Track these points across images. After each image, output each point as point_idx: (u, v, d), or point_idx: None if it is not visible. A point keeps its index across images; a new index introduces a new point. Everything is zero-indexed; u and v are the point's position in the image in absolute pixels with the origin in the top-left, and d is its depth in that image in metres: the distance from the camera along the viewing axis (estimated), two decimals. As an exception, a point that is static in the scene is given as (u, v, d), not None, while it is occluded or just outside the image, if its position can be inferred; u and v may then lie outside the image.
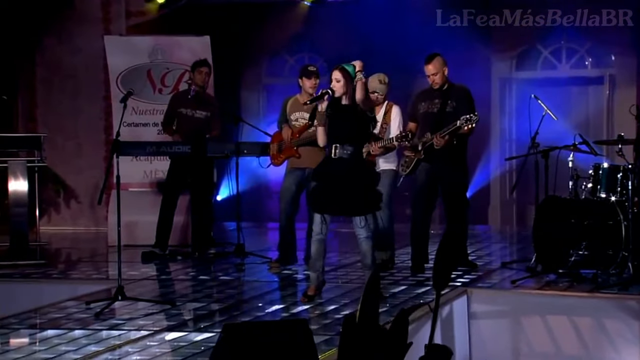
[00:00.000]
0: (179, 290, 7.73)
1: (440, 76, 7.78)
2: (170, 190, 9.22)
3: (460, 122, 7.48)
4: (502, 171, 12.30)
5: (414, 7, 11.38)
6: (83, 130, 11.34)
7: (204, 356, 5.50)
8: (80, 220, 11.48)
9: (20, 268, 8.43)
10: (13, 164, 8.90)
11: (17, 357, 5.61)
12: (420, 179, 7.89)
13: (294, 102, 8.43)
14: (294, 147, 8.28)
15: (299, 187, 8.35)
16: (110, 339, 5.98)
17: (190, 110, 9.04)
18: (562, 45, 12.32)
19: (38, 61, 11.48)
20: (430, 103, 7.84)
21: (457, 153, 7.77)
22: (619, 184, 7.32)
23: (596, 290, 6.98)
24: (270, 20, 11.31)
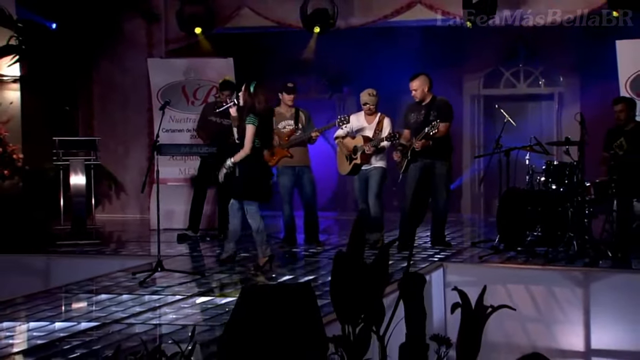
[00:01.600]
0: (207, 264, 7.72)
1: (420, 92, 7.78)
2: (200, 183, 9.20)
3: (428, 129, 7.51)
4: (472, 169, 12.28)
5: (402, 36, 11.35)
6: (130, 136, 11.32)
7: (227, 315, 5.49)
8: (128, 209, 11.46)
9: (80, 246, 8.44)
10: (74, 162, 8.89)
11: (79, 315, 5.62)
12: (412, 175, 7.86)
13: (277, 114, 8.36)
14: (285, 149, 8.26)
15: (293, 182, 8.33)
16: (152, 302, 5.99)
17: (218, 119, 9.02)
18: (520, 68, 12.27)
19: (95, 79, 11.47)
20: (418, 114, 7.84)
21: (441, 151, 7.75)
22: (567, 177, 7.29)
23: (548, 264, 6.96)
24: (283, 46, 11.28)
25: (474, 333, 3.19)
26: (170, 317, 5.51)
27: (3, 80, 10.76)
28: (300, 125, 8.29)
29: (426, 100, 7.81)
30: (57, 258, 7.97)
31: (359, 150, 8.02)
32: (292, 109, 8.34)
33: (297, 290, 4.24)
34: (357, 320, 3.13)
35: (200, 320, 5.40)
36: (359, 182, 8.16)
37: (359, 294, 3.06)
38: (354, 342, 3.12)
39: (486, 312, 3.22)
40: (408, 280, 3.22)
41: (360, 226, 3.29)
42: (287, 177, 8.30)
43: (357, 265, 3.14)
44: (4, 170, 9.31)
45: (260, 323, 4.01)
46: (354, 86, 12.44)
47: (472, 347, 3.17)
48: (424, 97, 7.79)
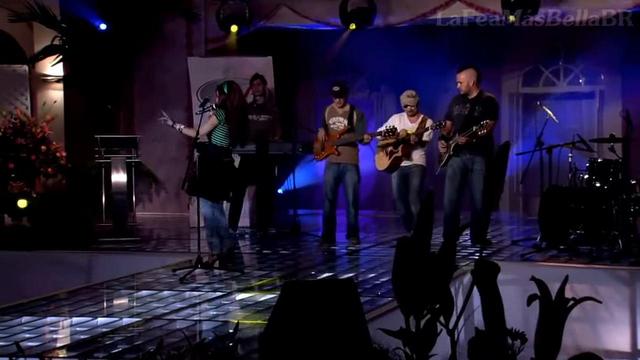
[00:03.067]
0: (246, 261, 7.68)
1: (465, 84, 7.64)
2: (240, 182, 9.16)
3: (476, 128, 7.38)
4: (510, 167, 12.08)
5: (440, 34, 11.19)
6: (170, 134, 11.27)
7: (266, 312, 5.43)
8: (168, 206, 11.49)
9: (121, 243, 8.47)
10: (115, 160, 8.92)
11: (120, 311, 5.61)
12: (451, 170, 7.75)
13: (330, 109, 8.38)
14: (334, 146, 8.20)
15: (337, 178, 8.28)
16: (192, 298, 5.96)
17: (255, 116, 8.99)
18: (560, 66, 12.04)
19: (136, 79, 11.52)
20: (462, 107, 7.72)
21: (482, 147, 7.62)
22: (611, 175, 7.09)
23: (592, 263, 6.77)
24: (321, 44, 11.22)
25: (555, 328, 2.87)
26: (211, 314, 5.47)
27: (47, 80, 10.89)
28: (352, 123, 8.21)
29: (472, 95, 7.68)
30: (98, 255, 8.01)
31: (401, 143, 7.93)
32: (346, 107, 8.27)
33: (339, 286, 4.15)
34: (422, 312, 2.88)
35: (241, 316, 5.34)
36: (398, 179, 8.05)
37: (425, 282, 2.83)
38: (419, 335, 2.87)
39: (567, 305, 2.89)
40: (482, 268, 2.93)
41: (428, 209, 3.03)
42: (331, 173, 8.26)
43: (423, 252, 2.87)
44: (48, 168, 9.39)
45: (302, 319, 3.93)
46: (392, 85, 12.32)
47: (553, 343, 2.87)
48: (470, 91, 7.66)
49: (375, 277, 6.49)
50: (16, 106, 10.42)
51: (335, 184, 8.30)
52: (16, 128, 9.44)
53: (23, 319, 5.36)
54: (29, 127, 9.54)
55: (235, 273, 6.82)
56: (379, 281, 6.33)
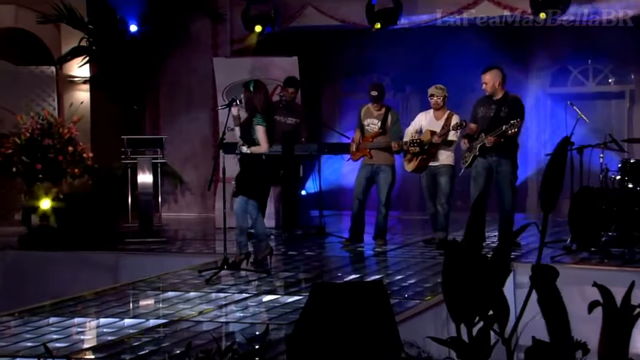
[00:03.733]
0: (272, 262, 7.62)
1: (490, 85, 7.54)
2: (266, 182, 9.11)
3: (506, 127, 7.28)
4: (538, 168, 11.95)
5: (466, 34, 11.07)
6: (196, 135, 11.34)
7: (293, 314, 5.39)
8: (193, 207, 11.48)
9: (147, 244, 8.46)
10: (141, 160, 8.93)
11: (147, 312, 5.60)
12: (477, 171, 7.66)
13: (366, 110, 8.33)
14: (367, 149, 8.16)
15: (369, 179, 8.22)
16: (218, 300, 5.94)
17: (282, 118, 8.95)
18: (589, 66, 11.87)
19: (161, 80, 11.53)
20: (488, 108, 7.62)
21: (507, 149, 7.53)
22: (644, 176, 6.96)
23: (625, 265, 6.64)
24: (346, 45, 11.16)
25: (621, 338, 2.63)
26: (237, 315, 5.44)
27: (74, 81, 10.94)
28: (386, 127, 8.15)
29: (497, 96, 7.58)
30: (125, 255, 8.02)
31: (426, 145, 7.85)
32: (381, 109, 8.22)
33: (368, 288, 4.09)
34: (474, 320, 2.71)
35: (267, 318, 5.30)
36: (426, 179, 7.97)
37: (477, 288, 2.68)
38: (471, 345, 2.67)
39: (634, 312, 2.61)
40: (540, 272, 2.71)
41: (480, 209, 2.85)
42: (363, 173, 8.24)
43: (474, 255, 2.70)
44: (75, 169, 9.43)
45: (330, 321, 3.87)
46: (417, 85, 12.23)
47: (619, 355, 2.62)
48: (495, 92, 7.56)
49: (402, 279, 6.42)
50: (43, 107, 10.48)
51: (367, 184, 8.24)
52: (43, 129, 9.48)
53: (50, 319, 5.38)
54: (56, 128, 9.58)
55: (261, 274, 6.78)
56: (407, 283, 6.26)
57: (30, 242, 8.28)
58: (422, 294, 5.83)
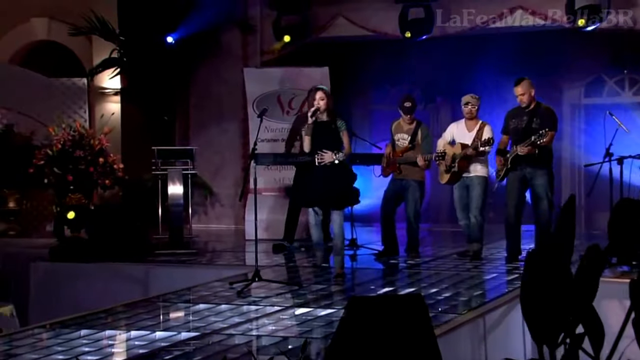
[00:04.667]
0: (303, 274, 7.55)
1: (527, 96, 7.42)
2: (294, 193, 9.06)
3: (535, 138, 7.15)
4: (572, 181, 11.76)
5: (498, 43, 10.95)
6: (225, 146, 11.33)
7: (327, 328, 5.29)
8: (223, 219, 11.45)
9: (177, 256, 8.42)
10: (172, 172, 8.91)
11: (178, 325, 5.54)
12: (511, 184, 7.52)
13: (397, 125, 8.25)
14: (396, 164, 8.05)
15: (398, 194, 8.12)
16: (250, 313, 5.85)
17: None
18: (625, 76, 11.67)
19: (192, 90, 11.54)
20: (520, 120, 7.48)
21: (541, 159, 7.38)
22: (687, 188, 6.76)
23: (667, 280, 6.43)
24: (377, 55, 11.09)
25: None
26: (270, 329, 5.34)
27: (105, 93, 11.00)
28: (415, 142, 8.05)
29: (530, 107, 7.45)
30: (155, 267, 7.97)
31: (457, 158, 7.73)
32: (412, 123, 8.13)
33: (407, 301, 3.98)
34: (556, 340, 2.46)
35: (300, 332, 5.20)
36: (459, 190, 7.82)
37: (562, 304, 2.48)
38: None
39: None
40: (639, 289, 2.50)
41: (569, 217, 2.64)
42: (392, 187, 8.15)
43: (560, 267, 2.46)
44: (106, 180, 9.44)
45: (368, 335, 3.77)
46: (447, 96, 12.12)
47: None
48: (530, 103, 7.43)
49: (437, 293, 6.28)
50: (75, 119, 10.55)
51: (395, 199, 8.14)
52: (75, 140, 9.53)
53: (82, 332, 5.32)
54: (87, 139, 9.62)
55: (293, 287, 6.69)
56: (441, 297, 6.12)
57: (61, 254, 8.28)
58: (457, 308, 5.70)
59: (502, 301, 5.92)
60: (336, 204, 6.87)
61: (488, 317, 5.59)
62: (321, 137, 6.84)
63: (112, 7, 10.80)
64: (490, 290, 6.26)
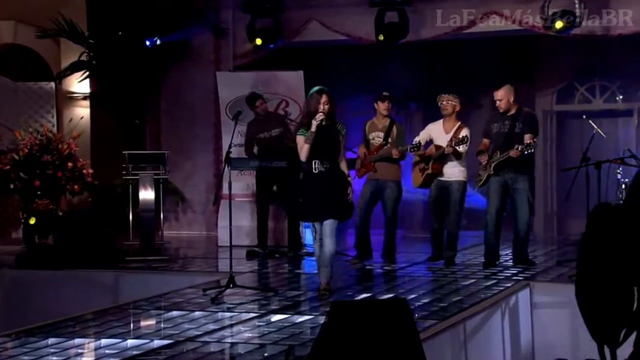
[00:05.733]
0: (278, 281, 7.40)
1: (505, 102, 7.38)
2: (261, 200, 8.86)
3: (522, 147, 7.14)
4: (544, 186, 11.79)
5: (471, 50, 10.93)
6: (198, 151, 11.13)
7: (305, 335, 5.16)
8: (195, 225, 11.23)
9: (148, 262, 8.24)
10: (143, 176, 8.72)
11: (151, 332, 5.37)
12: (493, 189, 7.46)
13: (371, 124, 8.17)
14: (371, 163, 7.95)
15: (374, 194, 8.01)
16: (225, 320, 5.71)
17: (266, 133, 8.74)
18: (596, 83, 11.74)
19: (163, 94, 11.33)
20: (502, 124, 7.44)
21: (523, 165, 7.35)
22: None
23: (645, 285, 6.40)
24: (351, 60, 11.00)
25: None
26: (246, 336, 5.20)
27: (73, 97, 10.74)
28: (390, 139, 7.95)
29: (511, 111, 7.41)
30: (126, 274, 7.79)
31: (431, 160, 7.66)
32: (385, 121, 8.02)
33: (391, 306, 3.87)
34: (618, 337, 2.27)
35: (278, 339, 5.06)
36: (435, 192, 7.70)
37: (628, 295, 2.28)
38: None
39: None
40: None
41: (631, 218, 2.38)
42: (367, 189, 8.03)
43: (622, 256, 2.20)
44: (74, 185, 9.22)
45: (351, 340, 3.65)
46: (421, 103, 12.07)
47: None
48: (509, 108, 7.39)
49: (415, 299, 6.18)
50: (42, 124, 10.29)
51: (371, 200, 8.01)
52: (42, 145, 9.30)
53: (49, 340, 5.15)
54: (55, 143, 9.40)
55: (268, 293, 6.54)
56: (421, 302, 6.03)
57: (29, 261, 8.04)
58: (438, 314, 5.59)
59: (482, 307, 5.84)
60: (336, 213, 6.15)
61: (468, 323, 5.51)
62: (320, 143, 6.10)
63: (80, 9, 10.58)
64: (468, 296, 6.18)
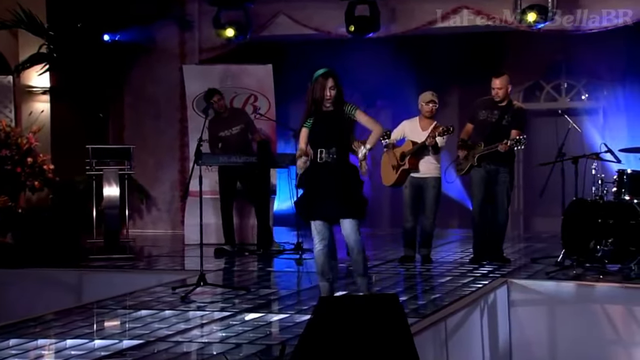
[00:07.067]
0: (249, 279, 7.17)
1: (504, 91, 7.26)
2: (224, 196, 8.62)
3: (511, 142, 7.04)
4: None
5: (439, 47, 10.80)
6: (162, 148, 10.82)
7: (283, 334, 4.95)
8: (159, 224, 10.93)
9: (113, 261, 7.96)
10: (107, 172, 8.41)
11: (119, 332, 5.11)
12: (476, 181, 7.32)
13: None
14: None
15: None
16: (197, 319, 5.47)
17: (227, 131, 8.49)
18: (562, 81, 11.73)
19: (126, 89, 11.00)
20: (490, 113, 7.31)
21: (506, 157, 7.23)
22: (642, 187, 6.65)
23: (624, 281, 6.32)
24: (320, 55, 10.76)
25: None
26: (220, 335, 4.96)
27: (32, 92, 10.34)
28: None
29: (503, 102, 7.29)
30: (89, 273, 7.53)
31: (407, 155, 7.49)
32: None
33: (381, 302, 3.69)
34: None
35: (254, 338, 4.84)
36: (410, 190, 7.53)
37: None
38: None
39: None
40: None
41: None
42: None
43: None
44: (34, 181, 8.86)
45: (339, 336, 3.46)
46: (387, 100, 11.92)
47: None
48: (504, 98, 7.28)
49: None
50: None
51: None
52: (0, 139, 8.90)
53: (11, 341, 4.86)
54: (14, 138, 9.02)
55: (240, 291, 6.31)
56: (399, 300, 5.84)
57: (-14, 260, 7.68)
58: (417, 312, 5.43)
59: (462, 304, 5.69)
60: (352, 211, 5.34)
61: (449, 321, 5.36)
62: (322, 130, 5.32)
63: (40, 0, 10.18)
64: (447, 294, 6.03)
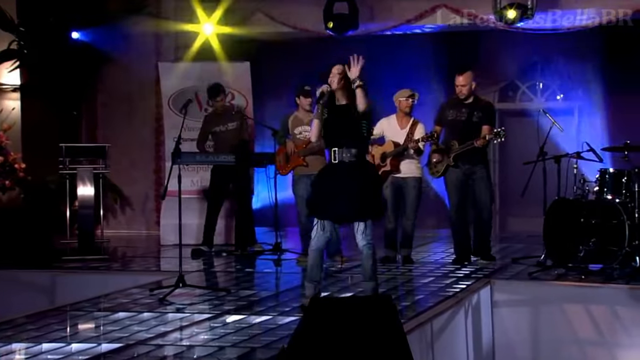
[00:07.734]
0: (229, 280, 7.04)
1: (467, 88, 7.22)
2: (214, 196, 8.51)
3: (490, 137, 7.02)
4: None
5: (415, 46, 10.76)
6: (136, 147, 10.60)
7: (267, 336, 4.83)
8: (134, 224, 10.72)
9: (87, 262, 7.78)
10: (81, 171, 8.22)
11: (97, 335, 4.95)
12: (452, 181, 7.24)
13: (294, 118, 7.78)
14: (300, 157, 7.60)
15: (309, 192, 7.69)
16: (176, 321, 5.33)
17: (222, 126, 8.38)
18: (538, 81, 11.75)
19: (99, 87, 10.77)
20: (458, 111, 7.24)
21: (480, 155, 7.19)
22: (624, 187, 6.63)
23: (606, 282, 6.30)
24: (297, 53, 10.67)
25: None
26: (202, 338, 4.83)
27: (3, 89, 10.09)
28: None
29: (469, 99, 7.23)
30: (63, 274, 7.34)
31: (389, 156, 7.41)
32: (309, 115, 7.69)
33: (373, 303, 3.59)
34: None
35: (237, 341, 4.72)
36: (391, 190, 7.44)
37: None
38: None
39: None
40: None
41: None
42: (303, 187, 7.58)
43: None
44: (5, 181, 8.63)
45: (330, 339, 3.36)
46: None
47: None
48: (469, 96, 7.22)
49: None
50: (-32, 117, 9.61)
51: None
52: (-32, 138, 8.67)
53: (-17, 345, 4.66)
54: (-17, 136, 8.77)
55: (220, 293, 6.18)
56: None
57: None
58: (401, 314, 5.34)
59: (448, 305, 5.63)
60: (367, 213, 5.17)
61: (435, 322, 5.28)
62: (339, 127, 5.15)
63: (10, -5, 9.94)
64: (430, 295, 5.96)
